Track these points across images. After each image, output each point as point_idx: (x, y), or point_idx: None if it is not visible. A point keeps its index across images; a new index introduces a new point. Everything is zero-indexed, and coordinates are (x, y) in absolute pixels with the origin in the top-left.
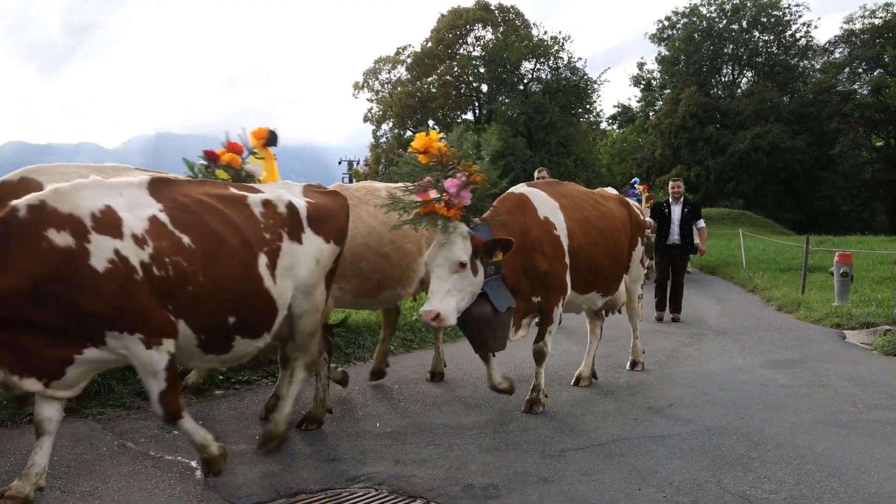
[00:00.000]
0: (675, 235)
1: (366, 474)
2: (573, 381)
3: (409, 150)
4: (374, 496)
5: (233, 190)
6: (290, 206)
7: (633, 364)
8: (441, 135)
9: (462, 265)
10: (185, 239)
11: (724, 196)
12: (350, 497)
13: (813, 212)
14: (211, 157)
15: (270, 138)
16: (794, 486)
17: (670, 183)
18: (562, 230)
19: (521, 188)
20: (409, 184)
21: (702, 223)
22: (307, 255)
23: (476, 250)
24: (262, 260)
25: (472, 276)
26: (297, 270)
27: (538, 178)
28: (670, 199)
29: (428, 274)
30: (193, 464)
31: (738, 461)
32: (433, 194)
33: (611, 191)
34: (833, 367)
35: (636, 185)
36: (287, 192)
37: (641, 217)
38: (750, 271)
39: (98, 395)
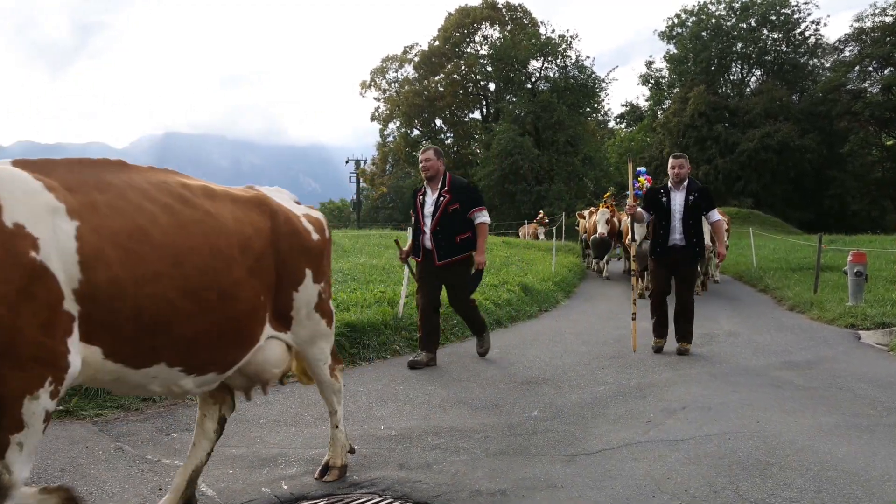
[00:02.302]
0: (676, 234)
1: (369, 480)
2: None
3: None
4: (379, 502)
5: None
6: None
7: (325, 470)
8: None
9: None
10: None
11: (733, 195)
12: (354, 503)
13: (822, 211)
14: None
15: None
16: (816, 493)
17: (670, 161)
18: (57, 249)
19: None
20: None
21: (716, 215)
22: None
23: None
24: None
25: None
26: None
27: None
28: (670, 184)
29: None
30: None
31: (755, 467)
32: None
33: (283, 193)
34: (849, 369)
35: (640, 177)
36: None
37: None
38: (760, 271)
39: (95, 397)
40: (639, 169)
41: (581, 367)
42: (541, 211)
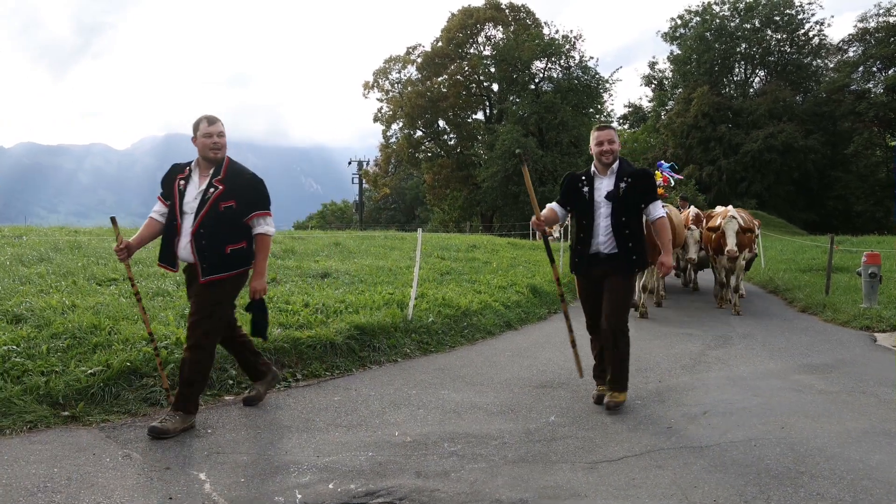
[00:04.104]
0: (601, 236)
1: (385, 488)
2: None
3: None
4: None
5: None
6: None
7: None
8: None
9: None
10: None
11: (737, 196)
12: None
13: (826, 212)
14: None
15: None
16: (852, 503)
17: (594, 134)
18: None
19: None
20: None
21: (659, 210)
22: None
23: None
24: None
25: None
26: None
27: None
28: (593, 168)
29: None
30: (202, 476)
31: (785, 475)
32: None
33: None
34: (870, 372)
35: (664, 170)
36: None
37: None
38: (769, 272)
39: (102, 402)
40: (667, 164)
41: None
42: None
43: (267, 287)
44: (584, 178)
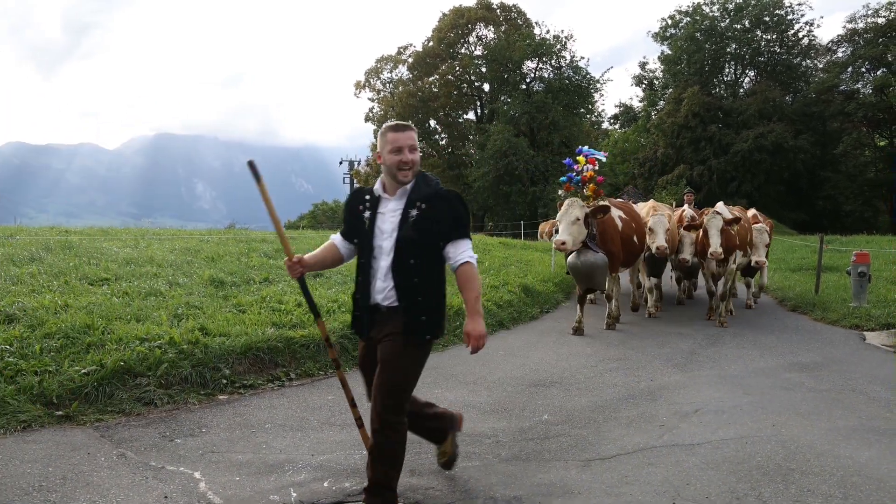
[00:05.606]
0: (379, 280)
1: None
2: None
3: None
4: None
5: None
6: None
7: None
8: None
9: None
10: None
11: (727, 196)
12: None
13: (815, 211)
14: None
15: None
16: (843, 500)
17: (388, 135)
18: None
19: None
20: None
21: (465, 254)
22: None
23: None
24: None
25: None
26: None
27: None
28: (378, 186)
29: None
30: (197, 475)
31: (777, 472)
32: None
33: None
34: (859, 370)
35: (580, 156)
36: None
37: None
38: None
39: (97, 401)
40: (580, 148)
41: (588, 369)
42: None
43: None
44: (367, 197)
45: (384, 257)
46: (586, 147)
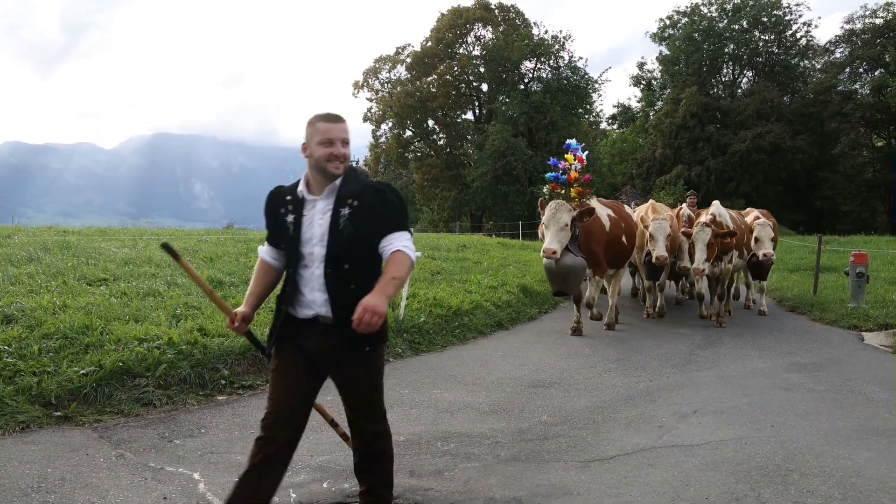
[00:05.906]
0: (316, 291)
1: None
2: None
3: None
4: None
5: None
6: None
7: None
8: None
9: None
10: None
11: (725, 196)
12: None
13: (813, 212)
14: None
15: None
16: (842, 500)
17: (318, 125)
18: None
19: None
20: None
21: (400, 240)
22: None
23: None
24: None
25: None
26: None
27: None
28: (302, 186)
29: None
30: (196, 476)
31: (776, 473)
32: None
33: None
34: (857, 371)
35: (569, 153)
36: None
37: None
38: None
39: (95, 402)
40: (568, 142)
41: (587, 369)
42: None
43: None
44: (289, 198)
45: (316, 265)
46: (574, 141)
